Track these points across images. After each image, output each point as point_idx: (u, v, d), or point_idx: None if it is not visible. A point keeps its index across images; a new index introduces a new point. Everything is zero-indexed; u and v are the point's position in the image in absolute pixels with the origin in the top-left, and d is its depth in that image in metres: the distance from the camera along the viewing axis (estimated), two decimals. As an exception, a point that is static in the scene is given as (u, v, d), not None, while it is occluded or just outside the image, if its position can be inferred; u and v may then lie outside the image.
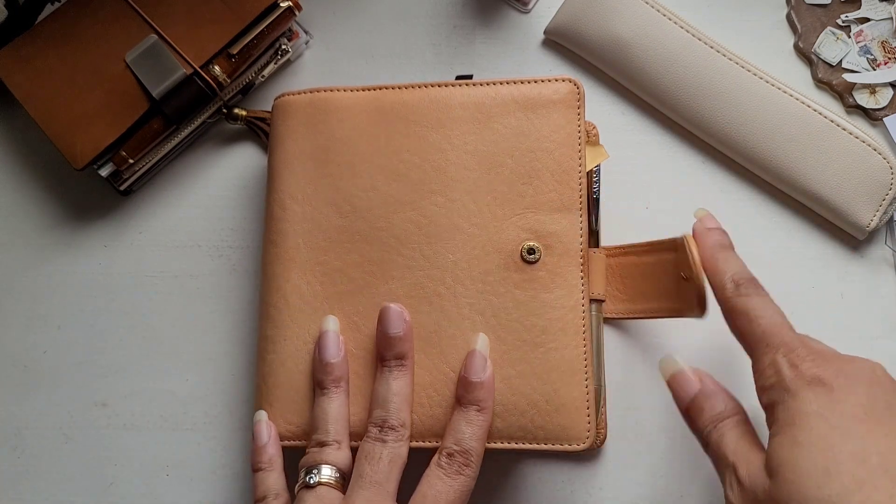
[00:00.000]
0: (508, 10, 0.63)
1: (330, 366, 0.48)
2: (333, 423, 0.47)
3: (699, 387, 0.45)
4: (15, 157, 0.61)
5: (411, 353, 0.48)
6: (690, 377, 0.46)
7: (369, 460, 0.45)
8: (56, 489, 0.57)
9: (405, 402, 0.47)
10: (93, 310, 0.59)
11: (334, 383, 0.48)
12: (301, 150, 0.53)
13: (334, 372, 0.48)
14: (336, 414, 0.47)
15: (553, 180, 0.50)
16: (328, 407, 0.48)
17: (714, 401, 0.45)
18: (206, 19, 0.56)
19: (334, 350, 0.49)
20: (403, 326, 0.48)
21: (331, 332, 0.49)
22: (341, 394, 0.48)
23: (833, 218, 0.57)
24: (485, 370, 0.47)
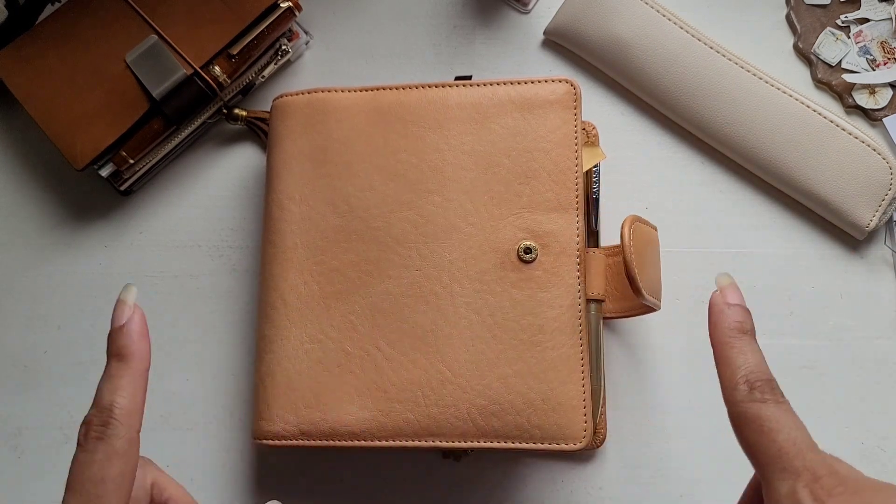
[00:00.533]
0: (508, 10, 0.63)
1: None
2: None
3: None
4: (15, 157, 0.61)
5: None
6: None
7: None
8: (56, 489, 0.56)
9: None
10: (93, 310, 0.59)
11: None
12: (299, 150, 0.53)
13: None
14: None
15: (550, 180, 0.50)
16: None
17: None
18: (207, 19, 0.56)
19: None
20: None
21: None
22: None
23: (833, 218, 0.57)
24: (128, 317, 0.39)
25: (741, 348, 0.38)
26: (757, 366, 0.38)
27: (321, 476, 0.56)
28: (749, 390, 0.37)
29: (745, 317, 0.40)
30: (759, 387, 0.37)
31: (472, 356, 0.48)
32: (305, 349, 0.50)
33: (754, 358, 0.38)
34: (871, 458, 0.55)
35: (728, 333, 0.39)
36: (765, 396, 0.36)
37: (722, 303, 0.40)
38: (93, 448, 0.35)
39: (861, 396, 0.56)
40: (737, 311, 0.40)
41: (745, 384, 0.37)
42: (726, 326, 0.39)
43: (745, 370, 0.37)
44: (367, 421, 0.49)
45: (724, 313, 0.40)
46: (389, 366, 0.49)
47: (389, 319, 0.50)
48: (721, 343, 0.39)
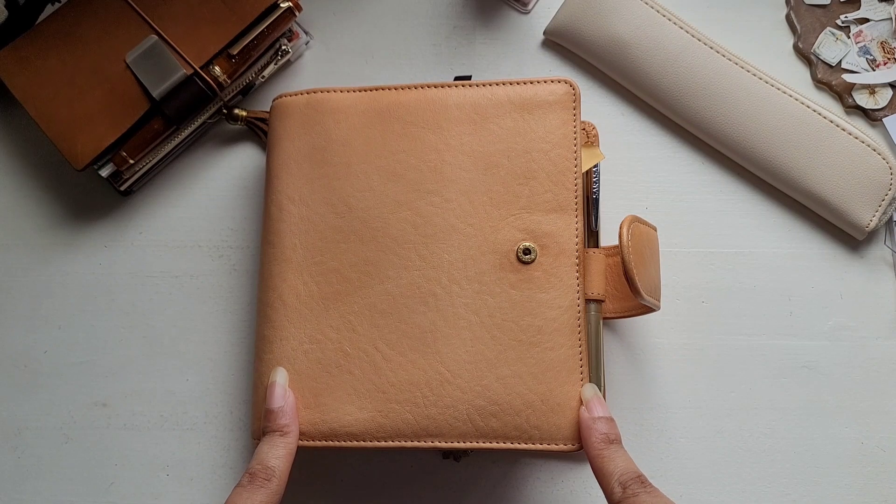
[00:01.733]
0: (508, 10, 0.63)
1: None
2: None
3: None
4: (15, 157, 0.61)
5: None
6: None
7: None
8: (56, 489, 0.57)
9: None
10: (93, 310, 0.59)
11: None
12: (298, 150, 0.53)
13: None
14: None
15: (549, 181, 0.50)
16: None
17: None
18: (207, 20, 0.56)
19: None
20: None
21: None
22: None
23: (833, 218, 0.57)
24: (284, 398, 0.49)
25: (610, 457, 0.44)
26: (625, 468, 0.43)
27: (321, 476, 0.56)
28: (622, 490, 0.42)
29: (610, 427, 0.46)
30: (630, 485, 0.42)
31: (471, 357, 0.48)
32: (304, 350, 0.50)
33: (622, 462, 0.44)
34: (870, 457, 0.55)
35: (597, 447, 0.45)
36: (636, 490, 0.42)
37: (588, 418, 0.46)
38: (255, 491, 0.44)
39: (861, 396, 0.56)
40: (602, 424, 0.46)
41: (619, 486, 0.42)
42: (595, 441, 0.45)
43: (616, 475, 0.43)
44: (366, 422, 0.49)
45: (591, 428, 0.45)
46: (388, 366, 0.49)
47: (388, 320, 0.50)
48: (594, 457, 0.45)
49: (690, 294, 0.58)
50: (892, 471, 0.55)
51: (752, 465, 0.55)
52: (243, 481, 0.44)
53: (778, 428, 0.56)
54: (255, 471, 0.45)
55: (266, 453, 0.46)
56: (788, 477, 0.55)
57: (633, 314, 0.53)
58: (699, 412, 0.56)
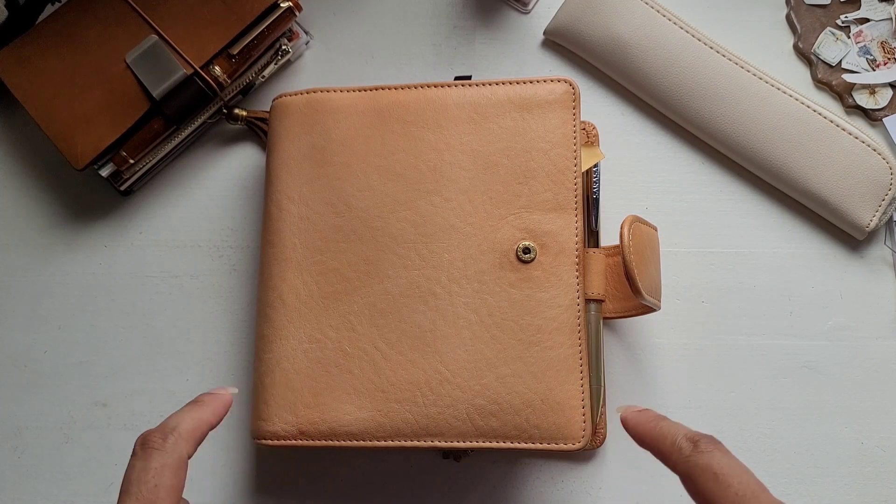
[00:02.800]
0: (508, 10, 0.63)
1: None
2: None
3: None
4: (15, 157, 0.61)
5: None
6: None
7: None
8: (56, 489, 0.57)
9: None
10: (93, 310, 0.59)
11: None
12: (298, 150, 0.53)
13: None
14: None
15: (548, 180, 0.50)
16: None
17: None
18: (207, 20, 0.56)
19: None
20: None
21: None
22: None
23: (833, 218, 0.57)
24: (224, 390, 0.45)
25: (669, 423, 0.40)
26: (690, 429, 0.39)
27: (320, 476, 0.56)
28: (693, 445, 0.38)
29: (655, 412, 0.42)
30: (702, 440, 0.38)
31: (471, 356, 0.48)
32: (304, 349, 0.50)
33: (684, 426, 0.40)
34: (870, 457, 0.55)
35: (650, 423, 0.41)
36: (709, 447, 0.37)
37: (631, 412, 0.43)
38: (149, 456, 0.38)
39: (861, 396, 0.56)
40: (646, 411, 0.42)
41: (688, 442, 0.38)
42: (645, 420, 0.41)
43: (682, 432, 0.39)
44: (366, 421, 0.49)
45: (637, 416, 0.42)
46: (388, 366, 0.49)
47: (388, 319, 0.50)
48: (648, 430, 0.41)
49: (690, 294, 0.58)
50: (892, 471, 0.55)
51: (752, 465, 0.55)
52: (136, 449, 0.39)
53: (778, 428, 0.56)
54: (149, 433, 0.40)
55: (168, 417, 0.41)
56: (788, 477, 0.55)
57: (634, 314, 0.53)
58: (699, 412, 0.56)
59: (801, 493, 0.55)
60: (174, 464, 0.39)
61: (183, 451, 0.39)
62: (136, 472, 0.38)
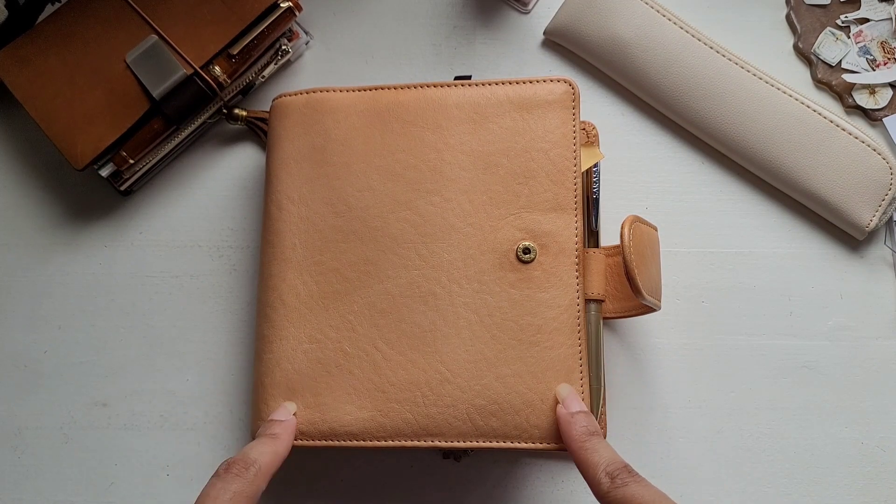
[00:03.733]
0: (508, 10, 0.63)
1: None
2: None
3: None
4: (15, 157, 0.61)
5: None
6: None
7: None
8: (56, 489, 0.57)
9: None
10: (93, 310, 0.59)
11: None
12: (298, 150, 0.53)
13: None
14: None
15: (548, 180, 0.50)
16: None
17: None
18: (207, 20, 0.56)
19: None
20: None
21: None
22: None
23: (833, 218, 0.57)
24: (286, 415, 0.49)
25: (594, 448, 0.43)
26: (611, 459, 0.42)
27: (321, 476, 0.56)
28: (611, 480, 0.41)
29: (589, 420, 0.45)
30: (618, 474, 0.41)
31: (471, 356, 0.48)
32: (304, 349, 0.50)
33: (607, 453, 0.42)
34: (870, 457, 0.55)
35: (580, 439, 0.44)
36: (625, 480, 0.40)
37: (566, 414, 0.46)
38: (231, 480, 0.41)
39: (861, 396, 0.56)
40: (581, 418, 0.45)
41: (606, 476, 0.41)
42: (576, 434, 0.44)
43: (602, 465, 0.42)
44: (366, 421, 0.49)
45: (571, 423, 0.45)
46: (388, 366, 0.49)
47: (388, 320, 0.50)
48: (577, 449, 0.44)
49: (690, 294, 0.58)
50: (892, 471, 0.55)
51: (752, 465, 0.55)
52: (219, 471, 0.42)
53: (778, 428, 0.56)
54: (233, 461, 0.43)
55: (250, 448, 0.45)
56: (788, 477, 0.55)
57: (634, 314, 0.53)
58: (699, 412, 0.56)
59: (801, 493, 0.55)
60: (250, 494, 0.41)
61: (260, 485, 0.42)
62: (215, 489, 0.41)
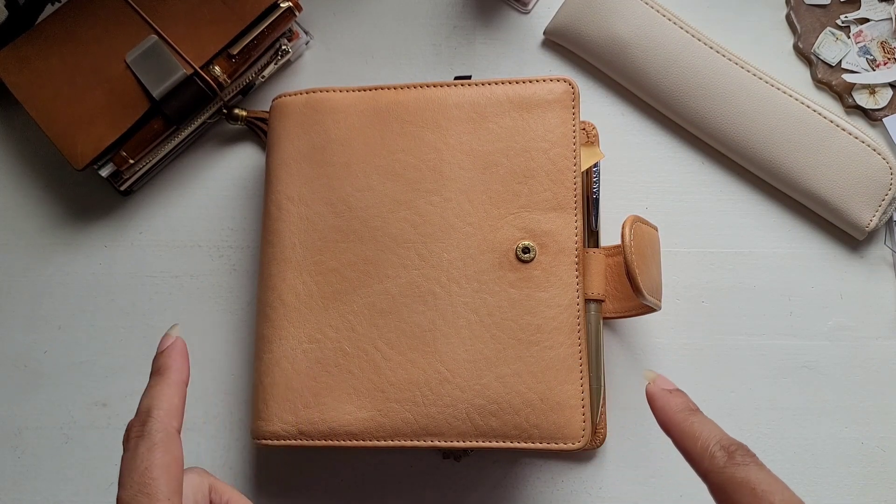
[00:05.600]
0: (508, 10, 0.63)
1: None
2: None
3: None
4: (15, 157, 0.61)
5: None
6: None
7: None
8: (56, 489, 0.57)
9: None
10: (93, 310, 0.59)
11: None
12: (297, 150, 0.53)
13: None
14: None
15: (548, 179, 0.50)
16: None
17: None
18: (207, 19, 0.56)
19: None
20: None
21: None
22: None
23: (833, 218, 0.57)
24: (168, 340, 0.42)
25: (700, 420, 0.38)
26: (724, 434, 0.37)
27: (320, 476, 0.56)
28: (728, 456, 0.35)
29: (688, 398, 0.40)
30: (738, 451, 0.35)
31: (471, 356, 0.48)
32: (304, 349, 0.50)
33: (717, 428, 0.37)
34: (870, 457, 0.55)
35: (680, 413, 0.38)
36: (746, 460, 0.35)
37: (660, 390, 0.40)
38: (134, 445, 0.37)
39: (861, 396, 0.56)
40: (678, 394, 0.40)
41: (722, 450, 0.36)
42: (675, 407, 0.39)
43: (715, 438, 0.36)
44: (366, 421, 0.49)
45: (666, 398, 0.40)
46: (388, 366, 0.49)
47: (388, 319, 0.50)
48: (677, 422, 0.38)
49: (690, 294, 0.58)
50: (892, 471, 0.55)
51: (752, 465, 0.55)
52: (123, 444, 0.37)
53: (778, 428, 0.56)
54: (131, 423, 0.38)
55: (142, 397, 0.39)
56: (788, 477, 0.55)
57: (634, 314, 0.53)
58: (699, 412, 0.56)
59: (801, 493, 0.55)
60: (162, 441, 0.37)
61: (167, 426, 0.38)
62: (124, 463, 0.36)
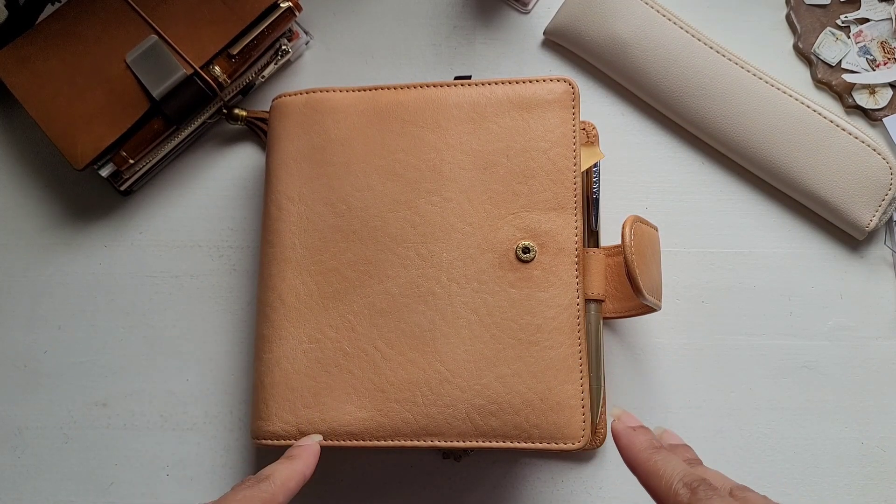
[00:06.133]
0: (508, 10, 0.63)
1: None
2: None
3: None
4: (15, 157, 0.61)
5: None
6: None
7: None
8: (56, 489, 0.57)
9: None
10: (93, 310, 0.59)
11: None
12: (297, 150, 0.53)
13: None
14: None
15: (548, 179, 0.50)
16: None
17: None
18: (207, 20, 0.56)
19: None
20: None
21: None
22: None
23: (833, 218, 0.57)
24: (310, 440, 0.48)
25: (665, 459, 0.38)
26: (687, 470, 0.37)
27: (321, 476, 0.56)
28: (691, 492, 0.35)
29: (652, 435, 0.40)
30: (699, 487, 0.35)
31: (471, 356, 0.48)
32: (304, 349, 0.50)
33: (680, 464, 0.37)
34: (870, 457, 0.55)
35: (646, 451, 0.39)
36: (708, 493, 0.35)
37: (624, 428, 0.41)
38: (240, 488, 0.41)
39: (861, 396, 0.56)
40: (643, 432, 0.40)
41: (685, 487, 0.36)
42: (640, 446, 0.39)
43: (678, 475, 0.36)
44: (366, 421, 0.49)
45: (631, 436, 0.40)
46: (388, 365, 0.49)
47: (388, 319, 0.50)
48: (641, 461, 0.38)
49: (690, 294, 0.58)
50: (892, 471, 0.55)
51: (752, 465, 0.55)
52: (234, 488, 0.42)
53: (778, 428, 0.56)
54: (246, 477, 0.43)
55: (265, 469, 0.44)
56: (788, 477, 0.55)
57: (634, 314, 0.53)
58: (699, 412, 0.56)
59: (801, 493, 0.55)
60: (263, 500, 0.40)
61: (275, 493, 0.41)
62: (225, 496, 0.40)
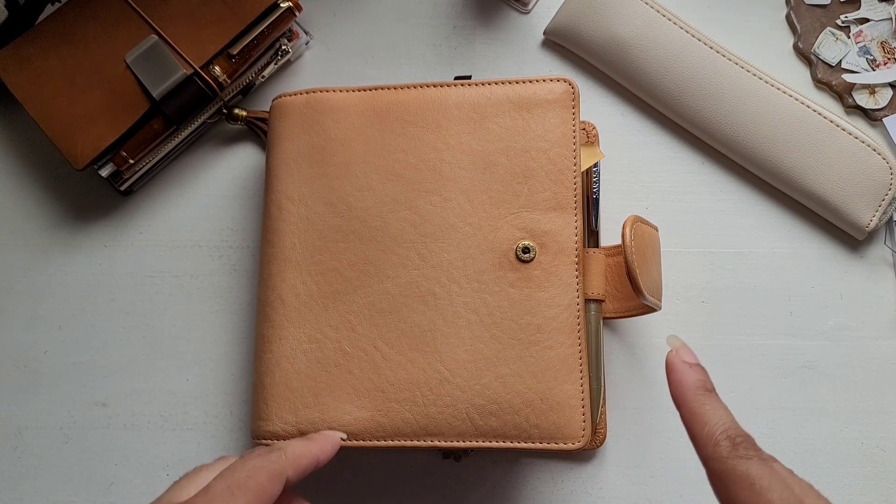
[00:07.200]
0: (508, 10, 0.63)
1: None
2: None
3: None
4: (15, 157, 0.61)
5: None
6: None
7: None
8: (56, 489, 0.57)
9: None
10: (93, 310, 0.59)
11: None
12: (297, 150, 0.53)
13: None
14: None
15: (548, 179, 0.50)
16: None
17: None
18: (207, 20, 0.56)
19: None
20: None
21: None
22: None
23: (833, 218, 0.57)
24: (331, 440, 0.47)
25: (713, 405, 0.37)
26: (733, 423, 0.36)
27: (321, 476, 0.56)
28: (732, 447, 0.35)
29: (706, 376, 0.39)
30: (742, 443, 0.35)
31: (471, 356, 0.48)
32: (304, 349, 0.50)
33: (728, 415, 0.36)
34: (870, 457, 0.55)
35: (694, 391, 0.38)
36: (749, 453, 0.34)
37: (680, 362, 0.39)
38: (249, 457, 0.39)
39: (861, 396, 0.56)
40: (697, 370, 0.39)
41: (727, 440, 0.35)
42: (691, 385, 0.38)
43: (722, 426, 0.36)
44: (366, 421, 0.49)
45: (685, 372, 0.39)
46: (388, 366, 0.49)
47: (388, 319, 0.50)
48: (689, 401, 0.37)
49: (690, 294, 0.58)
50: (892, 471, 0.55)
51: (752, 465, 0.55)
52: (242, 456, 0.40)
53: (778, 428, 0.56)
54: (255, 448, 0.41)
55: (284, 441, 0.43)
56: (788, 477, 0.55)
57: (634, 314, 0.53)
58: (699, 412, 0.56)
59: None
60: (272, 470, 0.38)
61: (285, 465, 0.39)
62: (232, 464, 0.38)
